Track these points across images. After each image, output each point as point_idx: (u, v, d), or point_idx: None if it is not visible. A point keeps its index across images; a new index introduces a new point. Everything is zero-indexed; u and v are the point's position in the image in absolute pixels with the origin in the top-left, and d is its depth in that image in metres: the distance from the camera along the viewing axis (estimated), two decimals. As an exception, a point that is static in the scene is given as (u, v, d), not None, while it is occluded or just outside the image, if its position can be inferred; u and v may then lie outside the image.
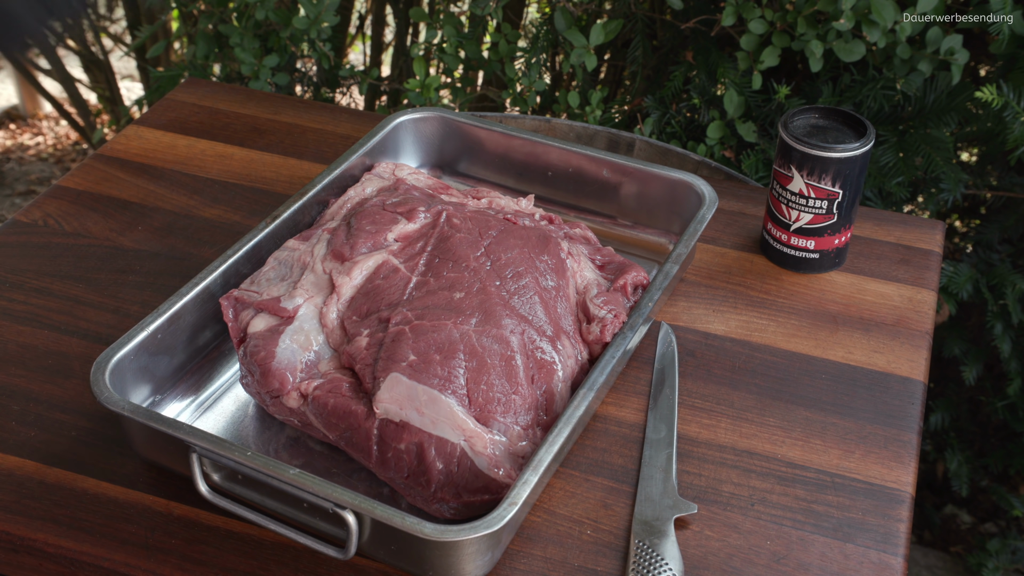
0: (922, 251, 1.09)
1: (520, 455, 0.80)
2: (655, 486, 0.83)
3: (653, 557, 0.77)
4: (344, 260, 0.90)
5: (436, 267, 0.89)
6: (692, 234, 0.97)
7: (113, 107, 2.54)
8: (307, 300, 0.88)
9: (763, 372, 0.95)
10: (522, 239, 0.93)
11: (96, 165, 1.19)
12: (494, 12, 1.48)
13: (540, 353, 0.84)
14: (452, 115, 1.12)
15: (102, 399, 0.78)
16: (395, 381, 0.80)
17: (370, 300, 0.87)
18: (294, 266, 0.92)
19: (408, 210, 0.95)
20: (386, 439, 0.79)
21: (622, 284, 0.93)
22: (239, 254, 0.92)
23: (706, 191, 1.02)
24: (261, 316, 0.87)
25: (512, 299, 0.87)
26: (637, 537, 0.79)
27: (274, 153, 1.21)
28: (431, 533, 0.69)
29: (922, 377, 0.95)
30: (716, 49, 1.43)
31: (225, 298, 0.89)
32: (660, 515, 0.81)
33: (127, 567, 0.78)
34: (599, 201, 1.09)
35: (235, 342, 0.88)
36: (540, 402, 0.83)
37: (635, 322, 0.88)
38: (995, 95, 1.23)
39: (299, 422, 0.84)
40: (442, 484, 0.77)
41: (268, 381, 0.83)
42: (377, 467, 0.80)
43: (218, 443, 0.75)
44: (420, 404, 0.79)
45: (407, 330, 0.83)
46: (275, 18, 1.51)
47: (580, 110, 1.49)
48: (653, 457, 0.86)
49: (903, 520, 0.83)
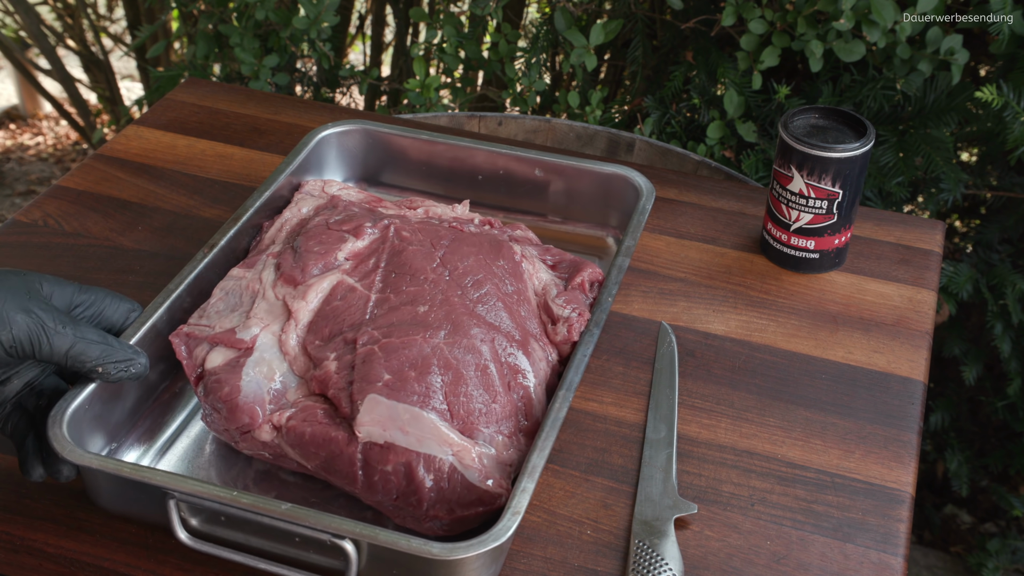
0: (922, 251, 1.09)
1: (508, 463, 0.79)
2: (655, 486, 0.83)
3: (653, 557, 0.77)
4: (297, 284, 0.88)
5: (394, 282, 0.87)
6: (637, 226, 0.97)
7: (113, 107, 2.54)
8: (263, 329, 0.85)
9: (763, 372, 0.95)
10: (475, 246, 0.91)
11: (96, 165, 1.19)
12: (494, 12, 1.48)
13: (512, 359, 0.83)
14: (374, 125, 1.09)
15: (65, 453, 0.73)
16: (374, 402, 0.78)
17: (331, 322, 0.85)
18: (243, 295, 0.89)
19: (354, 227, 0.92)
20: (371, 462, 0.77)
21: (580, 282, 0.92)
22: (181, 287, 0.88)
23: (642, 183, 1.02)
24: (217, 350, 0.84)
25: (476, 307, 0.86)
26: (637, 537, 0.79)
27: (274, 153, 1.21)
28: (440, 553, 0.68)
29: (922, 377, 0.95)
30: (716, 49, 1.43)
31: (175, 335, 0.85)
32: (660, 515, 0.81)
33: (127, 567, 0.78)
34: (531, 200, 1.07)
35: (192, 379, 0.84)
36: (519, 408, 0.82)
37: (599, 318, 0.87)
38: (995, 95, 1.23)
39: (271, 455, 0.82)
40: (434, 501, 0.76)
41: (237, 416, 0.80)
42: (363, 492, 0.78)
43: (202, 486, 0.72)
44: (403, 423, 0.77)
45: (376, 349, 0.81)
46: (275, 18, 1.51)
47: (580, 110, 1.49)
48: (653, 457, 0.86)
49: (903, 520, 0.83)
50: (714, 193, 1.16)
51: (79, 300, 0.79)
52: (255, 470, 0.85)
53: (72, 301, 0.78)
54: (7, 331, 0.71)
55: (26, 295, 0.73)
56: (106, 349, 0.75)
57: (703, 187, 1.17)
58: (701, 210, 1.13)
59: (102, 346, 0.75)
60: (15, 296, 0.72)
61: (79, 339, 0.73)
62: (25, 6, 2.31)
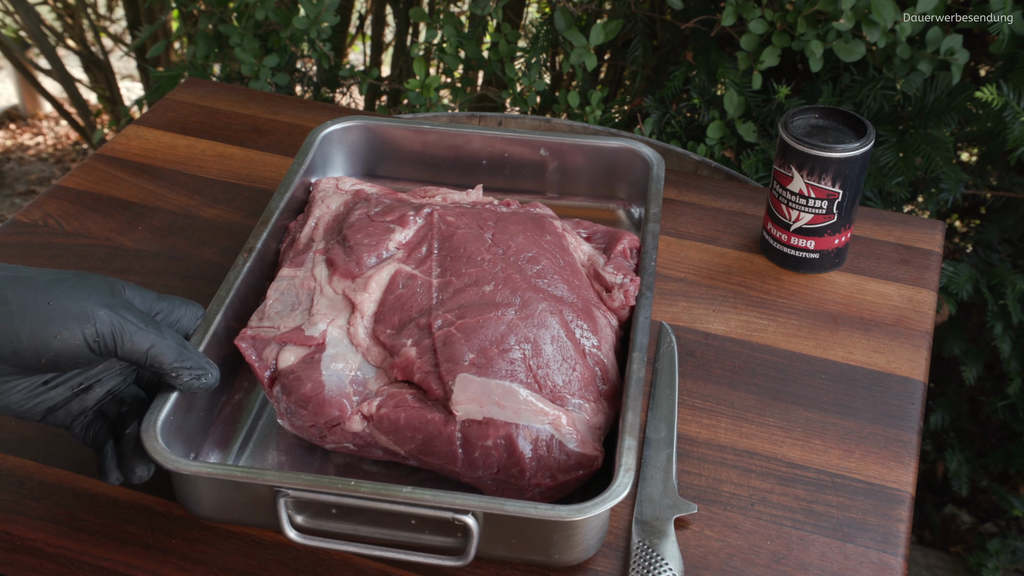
0: (922, 251, 1.09)
1: (597, 427, 0.81)
2: (655, 486, 0.83)
3: (653, 557, 0.77)
4: (354, 277, 0.89)
5: (452, 266, 0.89)
6: (657, 193, 1.00)
7: (113, 107, 2.54)
8: (330, 324, 0.86)
9: (763, 372, 0.95)
10: (520, 224, 0.94)
11: (96, 165, 1.19)
12: (494, 12, 1.48)
13: (581, 328, 0.86)
14: (375, 120, 1.10)
15: (170, 465, 0.73)
16: (466, 381, 0.80)
17: (399, 311, 0.86)
18: (299, 293, 0.89)
19: (398, 217, 0.94)
20: (470, 439, 0.79)
21: (621, 249, 0.95)
22: (231, 293, 0.88)
23: (648, 153, 1.05)
24: (288, 349, 0.84)
25: (537, 282, 0.88)
26: (637, 537, 0.79)
27: (274, 153, 1.21)
28: (568, 514, 0.70)
29: (922, 377, 0.95)
30: (716, 49, 1.43)
31: (241, 339, 0.85)
32: (660, 515, 0.81)
33: (127, 567, 0.78)
34: (537, 180, 1.09)
35: (265, 381, 0.84)
36: (596, 374, 0.84)
37: (649, 281, 0.90)
38: (995, 95, 1.23)
39: (356, 446, 0.83)
40: (535, 471, 0.78)
41: (326, 410, 0.81)
42: (464, 469, 0.79)
43: (321, 480, 0.73)
44: (498, 398, 0.79)
45: (454, 331, 0.83)
46: (275, 18, 1.51)
47: (580, 110, 1.49)
48: (653, 457, 0.86)
49: (903, 520, 0.83)
50: (714, 193, 1.16)
51: (158, 308, 0.79)
52: (334, 464, 0.85)
53: (152, 308, 0.79)
54: (91, 326, 0.71)
55: (110, 294, 0.74)
56: (183, 353, 0.76)
57: (703, 187, 1.17)
58: (701, 210, 1.13)
59: (179, 349, 0.76)
60: (99, 294, 0.73)
61: (159, 339, 0.74)
62: (25, 6, 2.31)
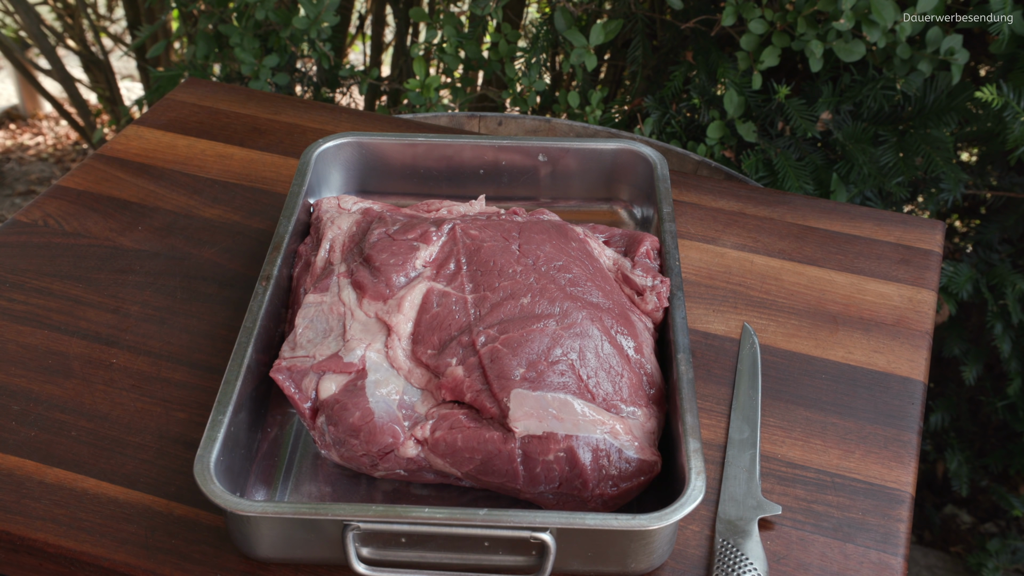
0: (922, 251, 1.09)
1: (651, 432, 0.81)
2: (738, 486, 0.84)
3: (738, 557, 0.77)
4: (386, 299, 0.86)
5: (484, 280, 0.87)
6: (666, 192, 1.00)
7: (113, 107, 2.54)
8: (367, 348, 0.83)
9: (763, 372, 0.95)
10: (544, 232, 0.92)
11: (96, 165, 1.19)
12: (494, 12, 1.48)
13: (621, 334, 0.85)
14: (368, 136, 1.08)
15: (231, 508, 0.71)
16: (522, 397, 0.79)
17: (437, 330, 0.84)
18: (329, 319, 0.87)
19: (420, 234, 0.91)
20: (531, 455, 0.78)
21: (644, 251, 0.93)
22: (258, 323, 0.85)
23: (650, 153, 1.05)
24: (327, 377, 0.82)
25: (572, 290, 0.87)
26: (721, 536, 0.79)
27: (274, 153, 1.21)
28: (649, 523, 0.70)
29: (922, 377, 0.95)
30: (716, 49, 1.43)
31: (276, 371, 0.82)
32: (744, 515, 0.81)
33: (127, 567, 0.78)
34: (535, 187, 1.09)
35: (307, 413, 0.81)
36: (643, 379, 0.84)
37: (677, 281, 0.90)
38: (995, 95, 1.23)
39: (408, 471, 0.81)
40: (598, 480, 0.78)
41: (378, 439, 0.79)
42: (525, 485, 0.78)
43: (392, 510, 0.71)
44: (555, 411, 0.78)
45: (500, 346, 0.81)
46: (275, 18, 1.51)
47: (580, 110, 1.49)
48: (736, 457, 0.86)
49: (903, 520, 0.83)
50: (714, 193, 1.16)
51: None
52: (380, 490, 0.83)
53: None
54: None
55: None
56: None
57: (703, 187, 1.17)
58: (701, 210, 1.13)
59: None
60: None
61: None
62: (25, 6, 2.31)
